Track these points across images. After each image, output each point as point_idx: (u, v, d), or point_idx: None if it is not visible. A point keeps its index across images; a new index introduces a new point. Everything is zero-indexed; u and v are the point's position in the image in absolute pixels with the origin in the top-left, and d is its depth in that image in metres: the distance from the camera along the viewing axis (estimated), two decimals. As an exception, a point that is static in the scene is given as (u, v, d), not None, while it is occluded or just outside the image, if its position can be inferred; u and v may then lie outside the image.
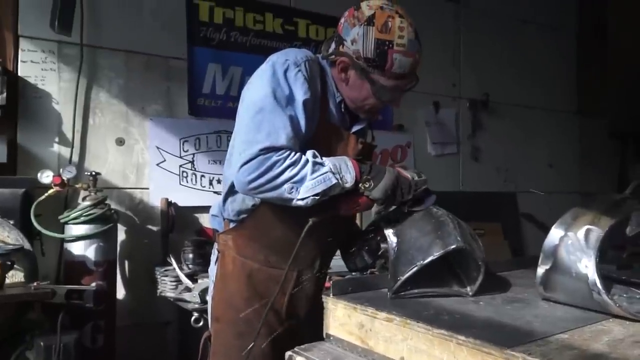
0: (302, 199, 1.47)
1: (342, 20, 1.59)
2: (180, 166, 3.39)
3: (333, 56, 1.60)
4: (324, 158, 1.51)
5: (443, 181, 4.39)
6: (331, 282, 1.44)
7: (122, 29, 3.22)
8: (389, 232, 1.48)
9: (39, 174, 2.75)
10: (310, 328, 1.58)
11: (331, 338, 1.37)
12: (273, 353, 1.63)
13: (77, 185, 2.89)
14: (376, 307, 1.26)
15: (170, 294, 2.79)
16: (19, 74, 2.94)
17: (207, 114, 3.50)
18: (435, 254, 1.35)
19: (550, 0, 5.18)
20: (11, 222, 2.43)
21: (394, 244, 1.44)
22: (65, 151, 3.05)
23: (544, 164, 5.19)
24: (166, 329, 3.26)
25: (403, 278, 1.36)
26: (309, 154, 1.50)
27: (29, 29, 2.96)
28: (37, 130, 2.98)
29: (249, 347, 1.56)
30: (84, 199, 2.87)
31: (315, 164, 1.48)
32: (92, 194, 2.87)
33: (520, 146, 4.98)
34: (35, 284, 2.28)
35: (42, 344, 2.27)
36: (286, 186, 1.46)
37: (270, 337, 1.64)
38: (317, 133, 1.57)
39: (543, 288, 1.34)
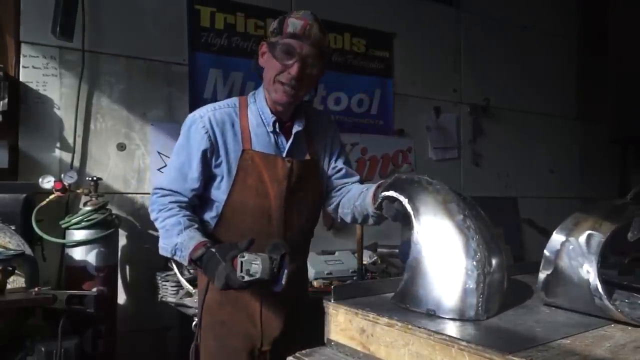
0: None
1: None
2: (181, 171, 3.38)
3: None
4: (186, 232, 1.62)
5: (444, 186, 4.35)
6: (332, 287, 1.44)
7: (124, 35, 3.23)
8: (417, 232, 1.34)
9: (40, 179, 2.76)
10: (291, 336, 1.74)
11: (332, 343, 1.37)
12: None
13: (78, 191, 2.89)
14: (377, 312, 1.26)
15: (171, 299, 2.80)
16: (21, 79, 2.94)
17: (208, 120, 3.49)
18: (446, 317, 1.25)
19: (550, 7, 5.19)
20: (12, 227, 2.44)
21: (415, 256, 1.33)
22: (66, 156, 3.05)
23: (545, 169, 5.19)
24: (167, 335, 3.25)
25: (410, 308, 1.32)
26: (184, 221, 1.64)
27: (30, 35, 2.97)
28: (39, 135, 2.98)
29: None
30: (85, 204, 2.86)
31: (168, 230, 1.65)
32: (93, 199, 2.86)
33: (521, 151, 4.98)
34: (36, 289, 2.28)
35: (43, 349, 2.27)
36: (159, 231, 1.70)
37: (248, 338, 1.76)
38: (242, 163, 1.72)
39: (544, 293, 1.34)
